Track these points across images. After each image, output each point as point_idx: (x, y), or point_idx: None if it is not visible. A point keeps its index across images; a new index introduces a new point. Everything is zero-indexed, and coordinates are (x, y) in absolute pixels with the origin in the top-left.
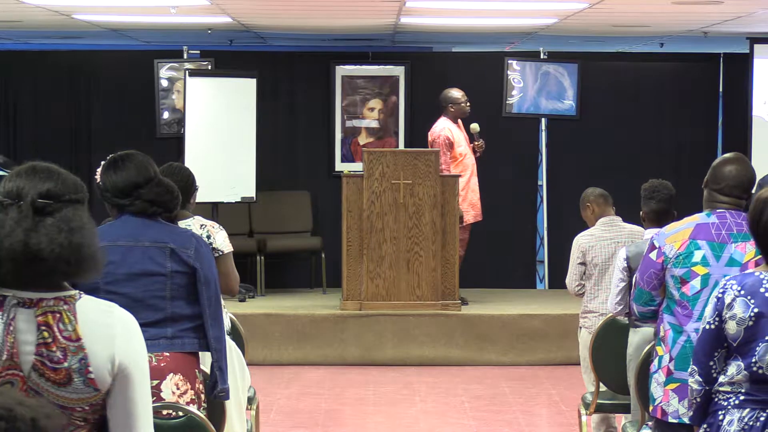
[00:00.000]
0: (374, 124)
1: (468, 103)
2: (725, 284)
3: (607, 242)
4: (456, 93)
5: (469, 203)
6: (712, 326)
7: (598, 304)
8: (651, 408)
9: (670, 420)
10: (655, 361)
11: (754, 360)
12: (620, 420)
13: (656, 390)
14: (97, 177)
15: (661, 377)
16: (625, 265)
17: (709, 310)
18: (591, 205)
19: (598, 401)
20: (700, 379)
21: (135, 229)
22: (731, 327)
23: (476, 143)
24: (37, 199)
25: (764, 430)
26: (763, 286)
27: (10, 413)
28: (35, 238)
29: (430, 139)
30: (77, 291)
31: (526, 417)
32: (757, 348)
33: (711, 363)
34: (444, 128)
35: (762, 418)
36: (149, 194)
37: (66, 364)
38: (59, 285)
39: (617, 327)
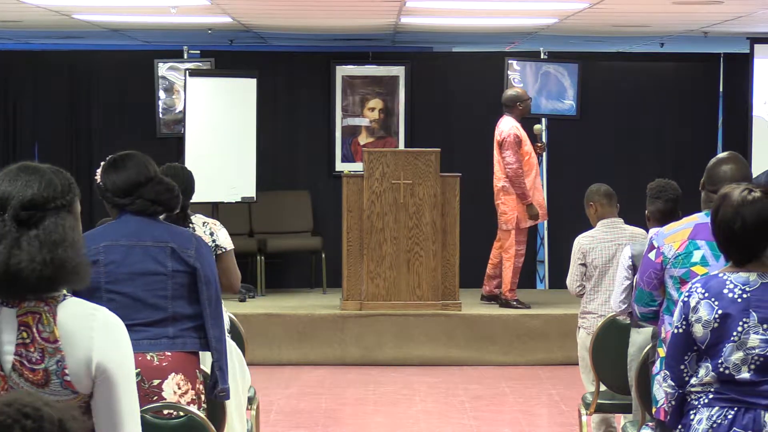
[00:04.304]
0: (374, 124)
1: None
2: (690, 287)
3: (607, 244)
4: (520, 92)
5: (536, 203)
6: (680, 330)
7: (596, 306)
8: (654, 410)
9: None
10: (657, 363)
11: (720, 361)
12: (620, 420)
13: (658, 392)
14: (97, 178)
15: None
16: (630, 263)
17: (676, 314)
18: (594, 205)
19: (598, 401)
20: (673, 383)
21: (136, 228)
22: (698, 330)
23: (538, 144)
24: (20, 211)
25: (731, 428)
26: (726, 287)
27: (38, 413)
28: (16, 258)
29: (499, 138)
30: (62, 293)
31: (526, 417)
32: (724, 349)
33: (682, 367)
34: (513, 126)
35: (729, 416)
36: (150, 193)
37: (44, 365)
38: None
39: (617, 327)
